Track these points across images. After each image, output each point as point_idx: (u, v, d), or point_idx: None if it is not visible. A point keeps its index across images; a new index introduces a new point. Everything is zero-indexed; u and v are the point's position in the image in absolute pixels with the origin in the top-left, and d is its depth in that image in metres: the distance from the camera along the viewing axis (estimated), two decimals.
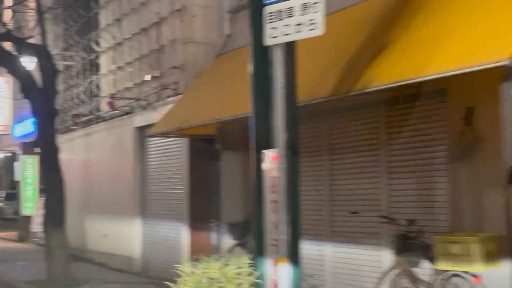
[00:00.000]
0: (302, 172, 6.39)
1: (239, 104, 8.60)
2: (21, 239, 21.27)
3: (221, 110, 9.09)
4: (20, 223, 22.04)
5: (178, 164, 12.13)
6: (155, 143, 13.15)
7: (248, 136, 10.25)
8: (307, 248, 7.14)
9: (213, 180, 11.50)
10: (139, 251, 13.48)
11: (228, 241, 10.48)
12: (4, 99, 16.58)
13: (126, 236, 13.93)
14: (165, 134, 10.86)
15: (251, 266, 6.00)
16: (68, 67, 16.99)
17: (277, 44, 5.50)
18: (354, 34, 7.05)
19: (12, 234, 22.93)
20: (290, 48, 5.55)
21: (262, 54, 5.80)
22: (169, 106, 11.61)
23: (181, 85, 11.58)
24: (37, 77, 11.59)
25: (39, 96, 11.12)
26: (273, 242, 5.69)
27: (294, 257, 5.60)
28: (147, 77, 12.78)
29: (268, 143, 5.74)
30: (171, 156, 12.48)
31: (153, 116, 12.54)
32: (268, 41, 5.54)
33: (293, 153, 5.63)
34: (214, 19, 11.37)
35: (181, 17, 11.66)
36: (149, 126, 12.98)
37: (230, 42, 10.82)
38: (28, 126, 20.49)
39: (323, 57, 7.25)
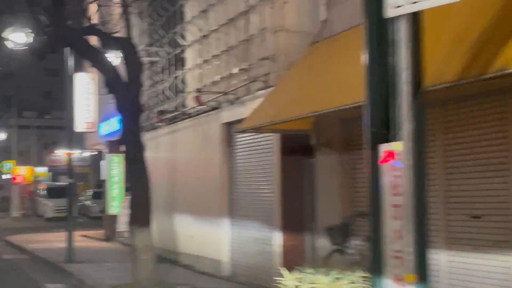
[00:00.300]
0: None
1: (340, 94, 7.68)
2: (107, 239, 21.11)
3: (319, 102, 8.20)
4: (106, 222, 21.91)
5: (268, 162, 11.34)
6: (243, 140, 12.41)
7: (348, 130, 9.35)
8: None
9: (307, 179, 10.64)
10: (227, 254, 12.79)
11: (324, 245, 9.59)
12: (90, 96, 16.33)
13: (213, 238, 13.27)
14: (256, 130, 10.07)
15: (366, 281, 5.10)
16: (153, 63, 16.56)
17: (401, 16, 4.56)
18: (488, 4, 5.96)
19: (99, 233, 22.88)
20: (416, 19, 4.60)
21: (379, 29, 4.87)
22: (259, 100, 10.83)
23: (272, 77, 10.77)
24: (122, 72, 11.09)
25: (124, 91, 10.59)
26: (396, 254, 4.73)
27: (422, 272, 4.63)
28: (235, 70, 12.06)
29: (387, 135, 4.81)
30: (261, 153, 11.70)
31: (241, 111, 11.80)
32: (390, 12, 4.60)
33: (419, 146, 4.67)
34: (307, 4, 10.48)
35: (271, 4, 10.85)
36: (237, 121, 12.26)
37: (326, 28, 9.89)
38: (113, 124, 20.28)
39: (447, 32, 6.21)
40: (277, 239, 10.88)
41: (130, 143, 10.72)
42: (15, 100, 46.77)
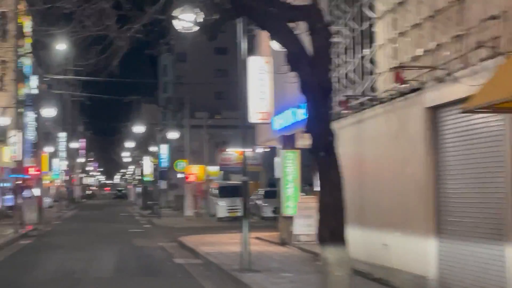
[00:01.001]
0: None
1: None
2: (282, 242, 19.38)
3: None
4: (281, 223, 20.20)
5: (494, 153, 8.75)
6: (455, 128, 9.89)
7: None
8: None
9: None
10: (434, 269, 10.33)
11: None
12: (264, 82, 14.59)
13: (415, 249, 10.86)
14: (492, 109, 7.53)
15: None
16: (334, 44, 14.40)
17: None
18: None
19: (272, 235, 21.28)
20: None
21: None
22: (483, 74, 8.29)
23: (504, 41, 8.16)
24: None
25: (310, 67, 8.55)
26: None
27: None
28: (445, 39, 9.59)
29: None
30: (482, 143, 9.11)
31: (454, 90, 9.32)
32: None
33: None
34: None
35: None
36: (448, 104, 9.84)
37: None
38: (287, 117, 18.55)
39: None
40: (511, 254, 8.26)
41: (317, 131, 8.66)
42: (188, 101, 47.56)
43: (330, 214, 8.49)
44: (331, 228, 8.42)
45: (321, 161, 8.69)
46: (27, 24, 36.33)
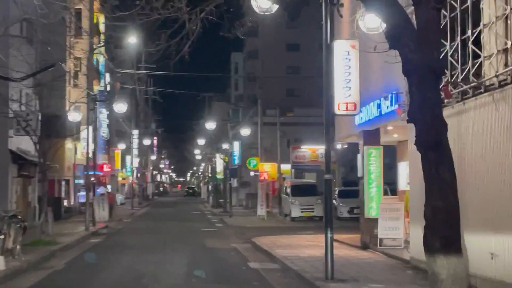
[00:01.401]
0: None
1: None
2: (364, 246, 17.88)
3: None
4: (362, 226, 18.69)
5: None
6: None
7: None
8: None
9: None
10: None
11: None
12: (351, 68, 13.10)
13: None
14: None
15: None
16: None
17: None
18: None
19: (351, 237, 19.82)
20: None
21: None
22: None
23: None
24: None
25: (416, 43, 7.14)
26: None
27: None
28: None
29: None
30: None
31: None
32: None
33: None
34: None
35: None
36: None
37: None
38: (371, 111, 17.04)
39: None
40: None
41: (424, 120, 7.25)
42: (260, 98, 46.83)
43: (442, 219, 7.09)
44: (443, 237, 7.01)
45: (429, 156, 7.27)
46: (101, 21, 36.15)
